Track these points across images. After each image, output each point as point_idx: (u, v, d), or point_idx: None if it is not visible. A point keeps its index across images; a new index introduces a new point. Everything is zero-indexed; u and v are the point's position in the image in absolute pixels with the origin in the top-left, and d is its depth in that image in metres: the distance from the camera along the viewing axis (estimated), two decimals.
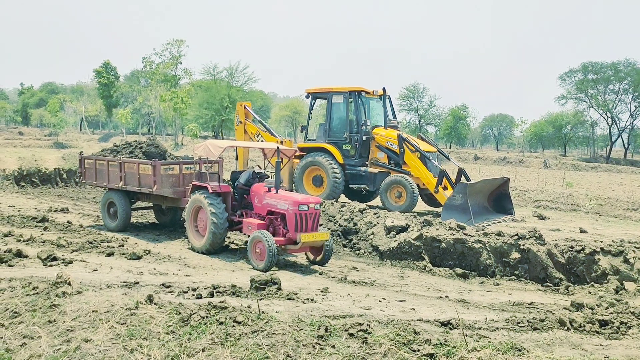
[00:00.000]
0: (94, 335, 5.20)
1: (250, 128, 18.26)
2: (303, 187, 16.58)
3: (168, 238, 13.03)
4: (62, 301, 5.95)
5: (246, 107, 18.42)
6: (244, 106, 18.48)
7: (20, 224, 13.46)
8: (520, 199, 21.14)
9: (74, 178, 22.50)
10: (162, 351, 4.95)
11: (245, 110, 18.34)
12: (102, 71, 76.20)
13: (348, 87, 16.72)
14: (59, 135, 70.33)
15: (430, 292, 9.15)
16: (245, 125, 18.28)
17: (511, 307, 8.21)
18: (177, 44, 65.88)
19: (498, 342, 5.20)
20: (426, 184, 15.59)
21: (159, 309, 5.82)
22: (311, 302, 7.62)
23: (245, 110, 18.34)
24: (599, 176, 42.50)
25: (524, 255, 10.47)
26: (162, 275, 9.12)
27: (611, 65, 64.75)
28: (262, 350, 4.91)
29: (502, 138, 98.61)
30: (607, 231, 13.98)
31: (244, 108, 18.41)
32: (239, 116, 18.53)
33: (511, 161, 57.16)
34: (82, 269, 9.18)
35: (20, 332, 5.40)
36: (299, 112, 75.18)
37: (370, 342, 5.02)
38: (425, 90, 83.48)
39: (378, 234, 12.00)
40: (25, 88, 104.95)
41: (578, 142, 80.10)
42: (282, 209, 10.54)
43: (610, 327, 6.45)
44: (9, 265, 9.14)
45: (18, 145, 54.55)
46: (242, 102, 18.94)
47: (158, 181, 12.48)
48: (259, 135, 18.03)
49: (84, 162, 14.46)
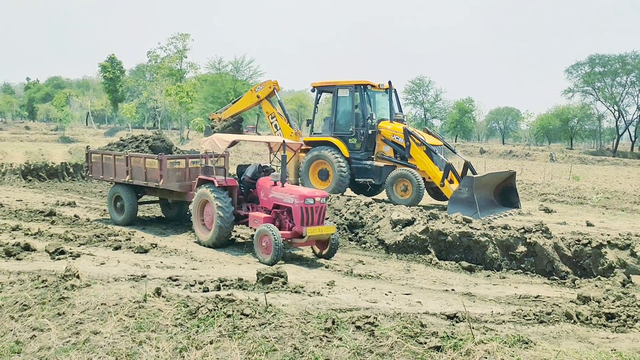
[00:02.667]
0: (103, 328, 5.24)
1: (267, 107, 17.95)
2: (309, 181, 16.59)
3: (174, 232, 13.08)
4: (71, 294, 6.00)
5: (275, 89, 17.84)
6: (272, 88, 17.80)
7: (28, 217, 13.55)
8: (527, 192, 21.08)
9: (81, 172, 22.63)
10: (171, 343, 4.99)
11: (271, 91, 17.79)
12: (107, 65, 76.24)
13: (354, 80, 16.68)
14: (65, 129, 70.57)
15: (437, 285, 9.15)
16: (263, 102, 17.91)
17: (517, 300, 8.21)
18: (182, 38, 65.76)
19: (505, 335, 5.21)
20: (432, 177, 15.57)
21: (167, 302, 5.85)
22: (317, 296, 7.64)
23: (271, 91, 17.79)
24: (605, 169, 42.29)
25: (530, 248, 10.45)
26: (169, 269, 9.17)
27: (618, 57, 64.21)
28: (270, 342, 4.94)
29: (508, 131, 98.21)
30: (614, 224, 13.93)
31: (271, 89, 17.78)
32: (262, 90, 17.85)
33: (517, 154, 56.93)
34: (89, 263, 9.24)
35: (29, 324, 5.45)
36: (304, 106, 75.07)
37: (377, 334, 5.04)
38: (431, 84, 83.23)
39: (384, 228, 12.01)
40: (31, 83, 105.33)
41: (585, 135, 79.65)
42: (288, 202, 10.56)
43: (617, 320, 6.44)
44: (17, 259, 9.22)
45: (25, 140, 54.73)
46: (273, 82, 18.00)
47: (164, 175, 12.52)
48: (274, 117, 17.71)
49: (90, 157, 14.53)
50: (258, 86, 18.29)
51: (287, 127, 17.54)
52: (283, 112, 17.88)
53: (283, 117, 17.74)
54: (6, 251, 9.43)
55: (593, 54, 65.81)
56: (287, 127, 17.55)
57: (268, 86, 17.89)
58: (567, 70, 68.41)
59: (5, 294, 6.31)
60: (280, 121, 17.63)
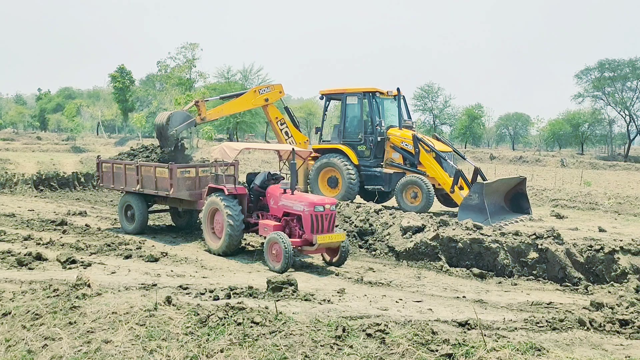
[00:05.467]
0: (114, 337, 5.25)
1: (276, 112, 17.20)
2: (318, 189, 16.58)
3: (185, 240, 13.12)
4: (82, 303, 6.02)
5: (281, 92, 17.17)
6: (282, 93, 17.16)
7: (40, 227, 13.64)
8: (538, 198, 20.95)
9: (92, 181, 22.74)
10: (181, 352, 4.99)
11: (279, 95, 17.17)
12: (117, 76, 76.86)
13: (362, 87, 16.68)
14: (76, 139, 71.08)
15: (447, 292, 9.10)
16: (269, 107, 17.02)
17: (529, 307, 8.14)
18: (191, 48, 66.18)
19: (517, 342, 5.16)
20: (442, 184, 15.51)
21: (177, 310, 5.86)
22: (328, 303, 7.63)
23: (279, 95, 17.17)
24: (617, 174, 41.94)
25: (542, 254, 10.38)
26: (180, 277, 9.19)
27: (628, 62, 63.80)
28: (280, 350, 4.93)
29: (518, 137, 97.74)
30: (627, 230, 13.80)
31: (281, 94, 17.19)
32: (270, 93, 16.96)
33: (527, 160, 56.60)
34: (100, 272, 9.28)
35: (41, 333, 5.48)
36: (313, 114, 75.15)
37: (388, 342, 5.02)
38: (440, 90, 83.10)
39: (394, 235, 11.97)
40: (42, 93, 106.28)
41: (595, 140, 79.11)
42: (298, 210, 10.56)
43: (631, 326, 6.38)
44: (29, 268, 9.28)
45: (36, 150, 55.19)
46: (281, 87, 17.25)
47: (175, 184, 12.57)
48: (284, 124, 17.09)
49: (101, 166, 14.62)
50: (264, 88, 17.20)
51: (298, 133, 17.29)
52: (292, 118, 17.49)
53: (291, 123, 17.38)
54: (18, 261, 9.51)
55: (602, 59, 65.46)
56: (299, 133, 17.31)
57: (278, 90, 17.17)
58: (576, 76, 68.07)
59: (17, 303, 6.35)
60: (291, 127, 17.26)
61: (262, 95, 16.85)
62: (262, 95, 16.85)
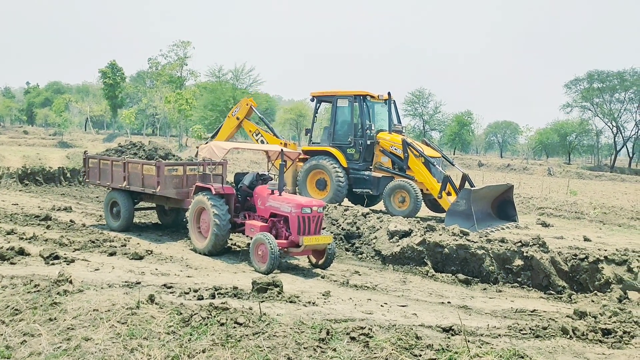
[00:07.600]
0: (95, 334, 5.18)
1: (248, 126, 18.15)
2: (306, 190, 16.56)
3: (170, 239, 13.02)
4: (63, 299, 5.95)
5: (252, 107, 18.15)
6: (249, 105, 18.16)
7: (23, 222, 13.48)
8: (524, 206, 21.07)
9: (78, 177, 22.57)
10: (163, 351, 4.93)
11: (248, 109, 18.12)
12: (107, 71, 76.41)
13: (353, 91, 16.70)
14: (63, 134, 70.57)
15: (433, 297, 9.11)
16: (244, 123, 18.14)
17: (513, 314, 8.17)
18: (183, 46, 65.94)
19: (500, 349, 5.17)
20: (430, 189, 15.56)
21: (160, 309, 5.80)
22: (313, 306, 7.60)
23: (248, 109, 18.12)
24: (603, 185, 42.37)
25: (527, 262, 10.41)
26: (164, 276, 9.11)
27: (617, 74, 64.60)
28: (263, 352, 4.89)
29: (507, 145, 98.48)
30: (611, 240, 13.91)
31: (248, 107, 18.13)
32: (239, 111, 18.20)
33: (515, 168, 57.08)
34: (83, 268, 9.18)
35: (20, 329, 5.39)
36: (303, 116, 75.14)
37: (372, 346, 5.00)
38: (431, 96, 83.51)
39: (381, 239, 11.97)
40: (31, 87, 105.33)
41: (582, 150, 79.94)
42: (285, 211, 10.52)
43: (613, 336, 6.40)
44: (11, 263, 9.15)
45: (22, 144, 54.74)
46: (248, 100, 18.50)
47: (162, 182, 12.47)
48: (259, 134, 17.82)
49: (88, 162, 14.48)
50: (234, 109, 18.46)
51: (274, 139, 17.55)
52: (267, 126, 18.15)
53: (269, 132, 17.92)
54: (0, 255, 9.37)
55: (592, 70, 66.34)
56: (274, 139, 17.57)
57: (245, 104, 18.24)
58: (566, 86, 68.89)
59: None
60: (265, 135, 17.75)
61: (234, 116, 18.29)
62: (234, 117, 18.28)
